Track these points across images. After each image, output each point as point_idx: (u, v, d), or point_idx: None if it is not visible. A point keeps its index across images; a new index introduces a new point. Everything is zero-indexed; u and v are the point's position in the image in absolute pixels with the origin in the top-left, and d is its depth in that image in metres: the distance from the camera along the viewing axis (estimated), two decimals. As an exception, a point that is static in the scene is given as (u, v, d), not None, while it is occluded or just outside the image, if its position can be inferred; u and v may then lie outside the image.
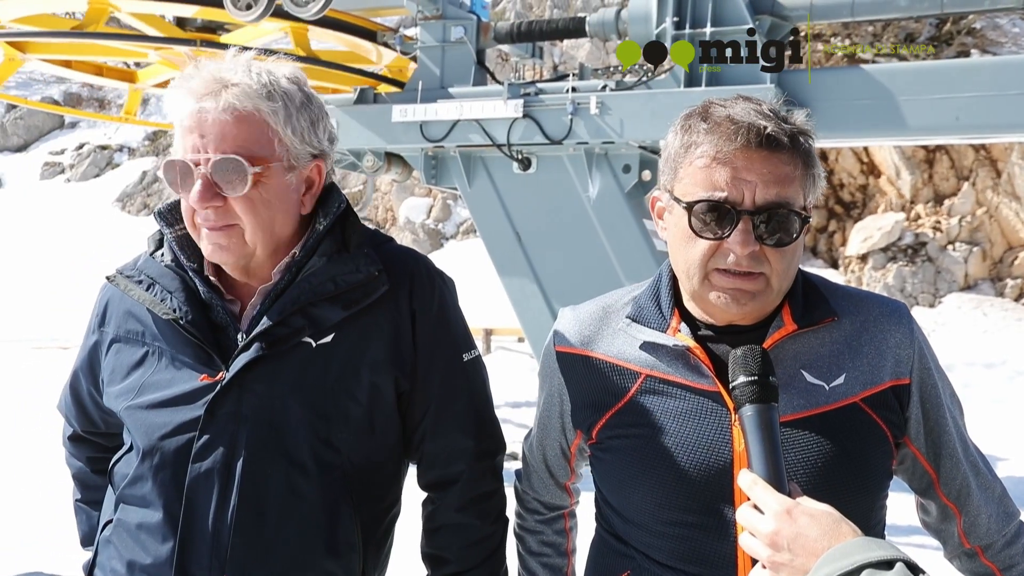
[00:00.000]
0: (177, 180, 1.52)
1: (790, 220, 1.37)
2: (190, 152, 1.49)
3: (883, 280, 14.07)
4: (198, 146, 1.49)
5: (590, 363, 1.55)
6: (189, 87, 1.51)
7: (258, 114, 1.51)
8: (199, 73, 1.52)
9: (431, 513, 1.71)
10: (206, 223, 1.52)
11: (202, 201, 1.49)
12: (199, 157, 1.49)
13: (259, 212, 1.52)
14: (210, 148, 1.48)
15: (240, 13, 6.35)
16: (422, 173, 7.22)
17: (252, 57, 1.58)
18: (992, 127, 5.97)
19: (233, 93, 1.49)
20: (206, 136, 1.48)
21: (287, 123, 1.53)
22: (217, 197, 1.49)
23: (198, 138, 1.49)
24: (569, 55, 18.34)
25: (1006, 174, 14.17)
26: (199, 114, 1.49)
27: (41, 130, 29.68)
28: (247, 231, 1.53)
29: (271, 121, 1.52)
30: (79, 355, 1.76)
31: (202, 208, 1.50)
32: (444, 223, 20.09)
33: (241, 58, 1.56)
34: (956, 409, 1.54)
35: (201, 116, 1.49)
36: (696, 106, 1.44)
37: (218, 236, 1.52)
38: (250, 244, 1.54)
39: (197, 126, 1.49)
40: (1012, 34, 15.27)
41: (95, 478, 1.85)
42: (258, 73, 1.53)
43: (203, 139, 1.49)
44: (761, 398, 1.26)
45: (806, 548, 1.13)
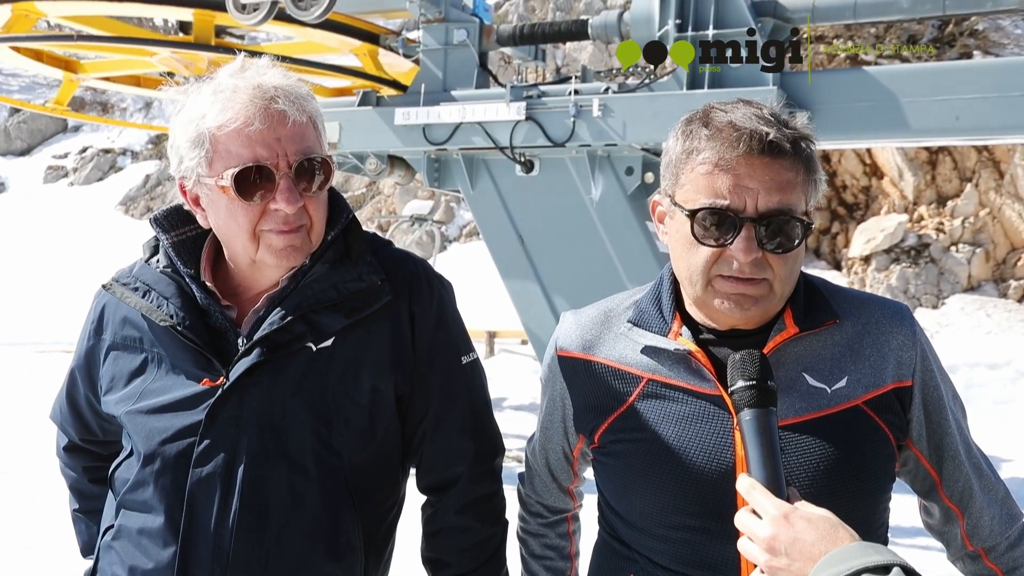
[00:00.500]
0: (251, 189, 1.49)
1: (792, 226, 1.36)
2: (267, 157, 1.48)
3: (886, 282, 14.06)
4: (275, 149, 1.49)
5: (592, 367, 1.55)
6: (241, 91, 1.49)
7: (313, 116, 1.55)
8: (242, 80, 1.51)
9: (430, 516, 1.72)
10: (284, 225, 1.52)
11: (293, 202, 1.50)
12: (278, 160, 1.49)
13: (322, 210, 1.58)
14: (289, 150, 1.49)
15: (243, 17, 6.37)
16: (425, 176, 7.22)
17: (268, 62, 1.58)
18: (994, 129, 5.96)
19: (297, 95, 1.51)
20: (283, 139, 1.49)
21: (323, 125, 1.59)
22: (300, 198, 1.51)
23: (274, 141, 1.48)
24: (572, 57, 18.35)
25: (1009, 175, 14.16)
26: (274, 116, 1.48)
27: (44, 134, 29.75)
28: (314, 230, 1.56)
29: (318, 123, 1.57)
30: (74, 362, 1.75)
31: (291, 209, 1.50)
32: (447, 226, 20.10)
33: (261, 64, 1.56)
34: (959, 411, 1.53)
35: (278, 118, 1.48)
36: (697, 111, 1.44)
37: (293, 237, 1.53)
38: (315, 242, 1.57)
39: (272, 129, 1.48)
40: (1015, 35, 15.25)
41: (92, 487, 1.84)
42: (293, 78, 1.56)
43: (280, 142, 1.49)
44: (759, 402, 1.26)
45: (803, 553, 1.13)
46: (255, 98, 1.48)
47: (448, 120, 6.80)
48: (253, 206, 1.51)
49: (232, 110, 1.48)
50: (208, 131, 1.50)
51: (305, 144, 1.52)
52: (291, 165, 1.49)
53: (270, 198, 1.50)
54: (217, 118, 1.49)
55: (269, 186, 1.49)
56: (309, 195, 1.53)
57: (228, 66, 1.56)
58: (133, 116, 26.95)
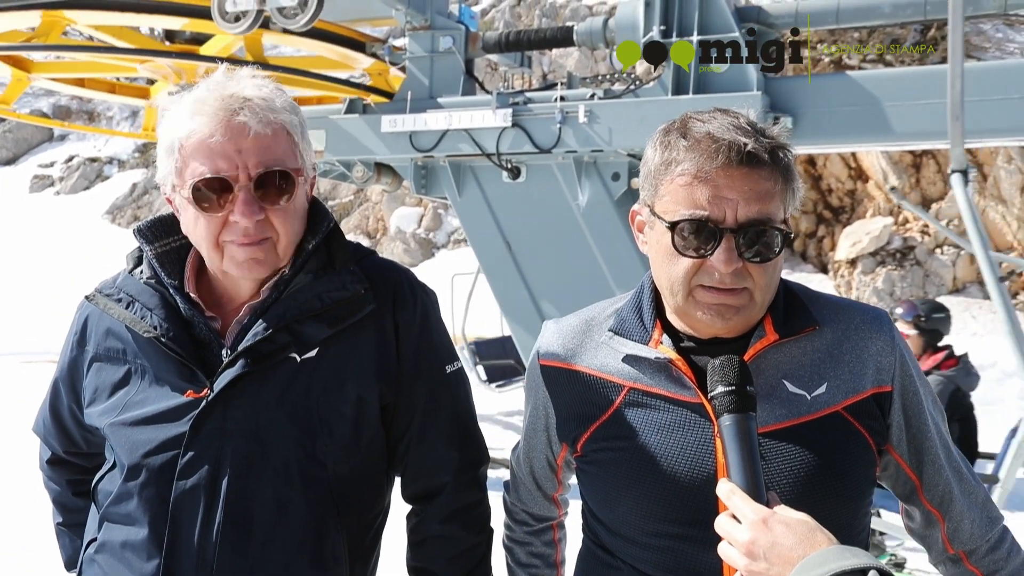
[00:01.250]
0: (212, 198, 1.50)
1: (771, 235, 1.38)
2: (226, 169, 1.49)
3: (872, 284, 14.13)
4: (236, 161, 1.49)
5: (574, 376, 1.56)
6: (208, 103, 1.50)
7: (286, 127, 1.54)
8: (213, 90, 1.52)
9: (416, 525, 1.72)
10: (244, 237, 1.52)
11: (250, 215, 1.49)
12: (237, 172, 1.49)
13: (292, 223, 1.56)
14: (250, 162, 1.49)
15: (229, 26, 6.37)
16: (412, 183, 7.23)
17: (251, 71, 1.59)
18: (977, 132, 6.01)
19: (264, 106, 1.51)
20: (244, 150, 1.49)
21: (302, 136, 1.58)
22: (260, 210, 1.50)
23: (235, 153, 1.48)
24: (558, 64, 18.39)
25: (992, 178, 14.26)
26: (235, 128, 1.48)
27: (30, 143, 29.60)
28: (280, 243, 1.55)
29: (295, 134, 1.55)
30: (57, 374, 1.75)
31: (249, 221, 1.50)
32: (435, 232, 20.09)
33: (241, 74, 1.56)
34: (938, 415, 1.55)
35: (238, 130, 1.48)
36: (674, 120, 1.45)
37: (255, 250, 1.53)
38: (282, 256, 1.57)
39: (232, 141, 1.48)
40: (996, 39, 15.37)
41: (76, 501, 1.84)
42: (270, 88, 1.55)
43: (241, 154, 1.49)
44: (739, 408, 1.27)
45: (782, 557, 1.15)
46: (219, 109, 1.49)
47: (435, 127, 6.82)
48: (213, 217, 1.51)
49: (196, 121, 1.50)
50: (178, 140, 1.51)
51: (269, 156, 1.50)
52: (251, 177, 1.49)
53: (230, 210, 1.50)
54: (185, 128, 1.50)
55: (228, 198, 1.50)
56: (274, 208, 1.52)
57: (211, 75, 1.56)
58: (119, 125, 26.85)
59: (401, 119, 6.94)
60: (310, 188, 1.65)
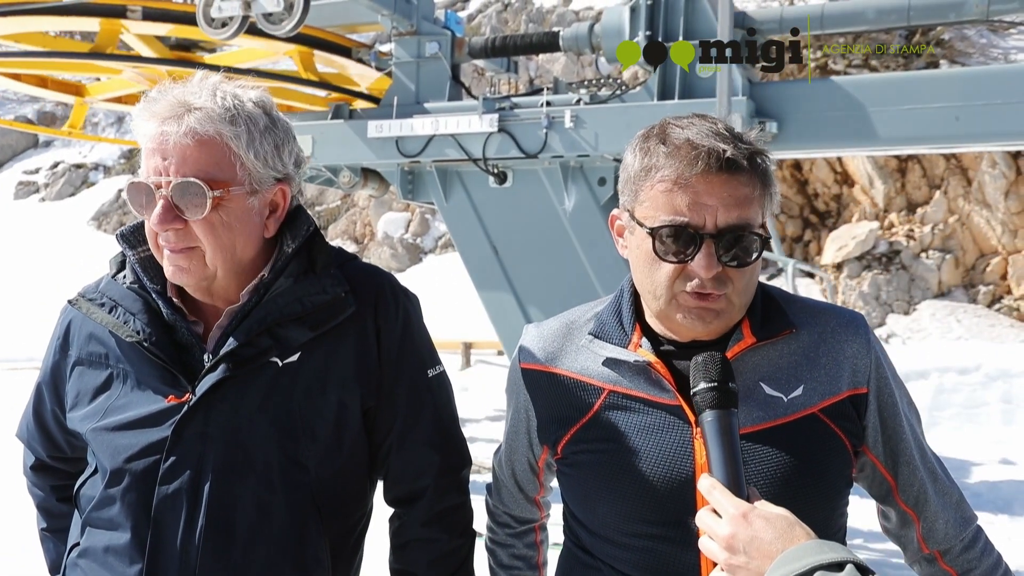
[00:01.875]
0: (141, 202, 1.53)
1: (751, 241, 1.39)
2: (152, 174, 1.51)
3: (858, 288, 14.20)
4: (160, 169, 1.50)
5: (554, 379, 1.57)
6: (153, 110, 1.52)
7: (220, 138, 1.51)
8: (164, 96, 1.53)
9: (398, 529, 1.72)
10: (167, 244, 1.53)
11: (163, 223, 1.50)
12: (160, 180, 1.50)
13: (219, 235, 1.53)
14: (171, 171, 1.49)
15: (214, 32, 6.36)
16: (399, 188, 7.23)
17: (220, 79, 1.59)
18: (961, 137, 6.06)
19: (196, 117, 1.50)
20: (168, 159, 1.50)
21: (249, 147, 1.54)
22: (178, 220, 1.50)
23: (160, 161, 1.50)
24: (544, 69, 18.43)
25: (976, 182, 14.36)
26: (161, 137, 1.50)
27: (15, 149, 29.45)
28: (207, 253, 1.54)
29: (233, 145, 1.52)
30: (40, 378, 1.75)
31: (163, 230, 1.51)
32: (422, 237, 20.09)
33: (208, 81, 1.57)
34: (913, 417, 1.57)
35: (163, 139, 1.50)
36: (653, 126, 1.46)
37: (178, 258, 1.53)
38: (210, 266, 1.55)
39: (159, 149, 1.50)
40: (980, 45, 15.49)
41: (61, 506, 1.83)
42: (223, 97, 1.54)
43: (165, 162, 1.50)
44: (721, 404, 1.29)
45: (761, 551, 1.16)
46: (155, 115, 1.51)
47: (421, 132, 6.82)
48: (149, 223, 1.54)
49: (144, 127, 1.52)
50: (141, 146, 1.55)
51: (191, 167, 1.49)
52: (168, 185, 1.50)
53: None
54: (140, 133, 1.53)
55: (152, 204, 1.51)
56: (195, 218, 1.51)
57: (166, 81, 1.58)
58: (105, 131, 26.73)
59: (387, 124, 6.94)
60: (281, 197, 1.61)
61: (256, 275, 1.61)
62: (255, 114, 1.56)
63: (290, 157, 1.61)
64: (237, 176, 1.53)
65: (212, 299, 1.62)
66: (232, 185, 1.53)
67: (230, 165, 1.53)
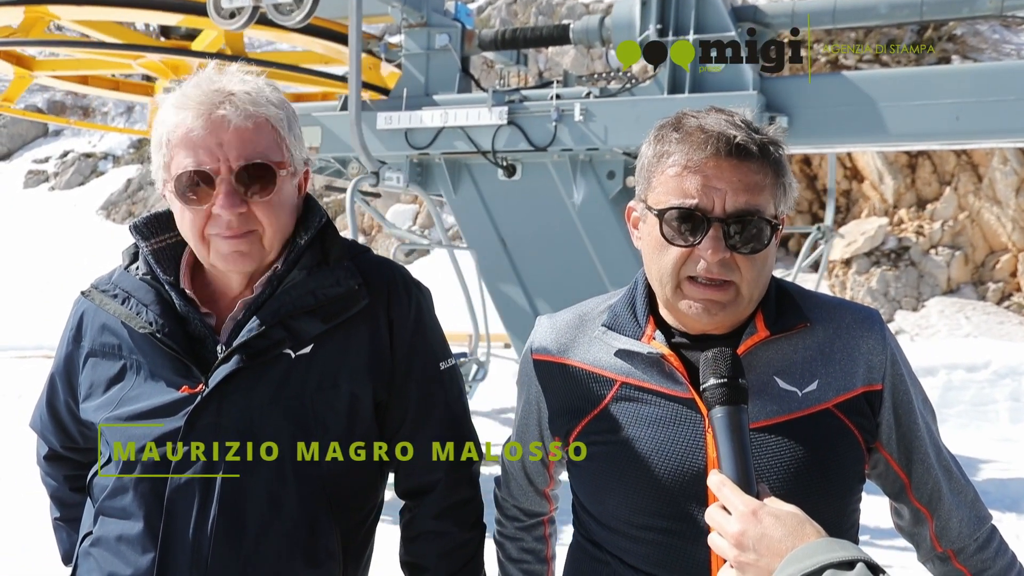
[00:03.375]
0: (194, 190, 1.51)
1: (760, 227, 1.39)
2: (207, 162, 1.50)
3: (867, 284, 14.16)
4: (217, 154, 1.49)
5: (566, 371, 1.57)
6: (193, 98, 1.51)
7: (269, 121, 1.54)
8: (199, 85, 1.53)
9: (409, 521, 1.72)
10: (227, 230, 1.52)
11: (231, 208, 1.50)
12: (219, 165, 1.50)
13: (278, 216, 1.56)
14: (231, 155, 1.50)
15: (224, 22, 6.36)
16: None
17: (238, 66, 1.59)
18: (973, 133, 6.03)
19: (247, 100, 1.52)
20: (225, 144, 1.50)
21: (290, 130, 1.58)
22: (242, 203, 1.51)
23: (216, 146, 1.49)
24: (554, 62, 18.39)
25: (987, 179, 14.29)
26: (215, 122, 1.49)
27: (25, 138, 29.53)
28: (266, 236, 1.56)
29: (280, 127, 1.56)
30: (54, 369, 1.75)
31: (229, 214, 1.50)
32: (430, 230, 20.09)
33: (231, 70, 1.57)
34: (928, 414, 1.56)
35: (219, 123, 1.49)
36: (669, 117, 1.46)
37: (239, 243, 1.54)
38: (267, 249, 1.57)
39: (213, 135, 1.49)
40: (992, 40, 15.41)
41: (74, 496, 1.84)
42: (254, 83, 1.56)
43: (222, 147, 1.50)
44: (731, 400, 1.28)
45: (771, 548, 1.16)
46: (202, 103, 1.50)
47: (430, 125, 6.81)
48: (197, 210, 1.53)
49: (182, 115, 1.51)
50: (166, 135, 1.53)
51: (252, 149, 1.51)
52: (232, 170, 1.50)
53: (212, 203, 1.51)
54: (171, 122, 1.52)
55: (210, 191, 1.51)
56: (257, 201, 1.53)
57: (202, 70, 1.57)
58: (114, 120, 26.79)
59: (397, 116, 6.94)
60: (304, 182, 1.66)
61: (271, 267, 1.61)
62: (285, 100, 1.60)
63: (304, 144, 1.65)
64: (284, 157, 1.57)
65: (230, 291, 1.62)
66: (285, 167, 1.56)
67: (279, 147, 1.56)
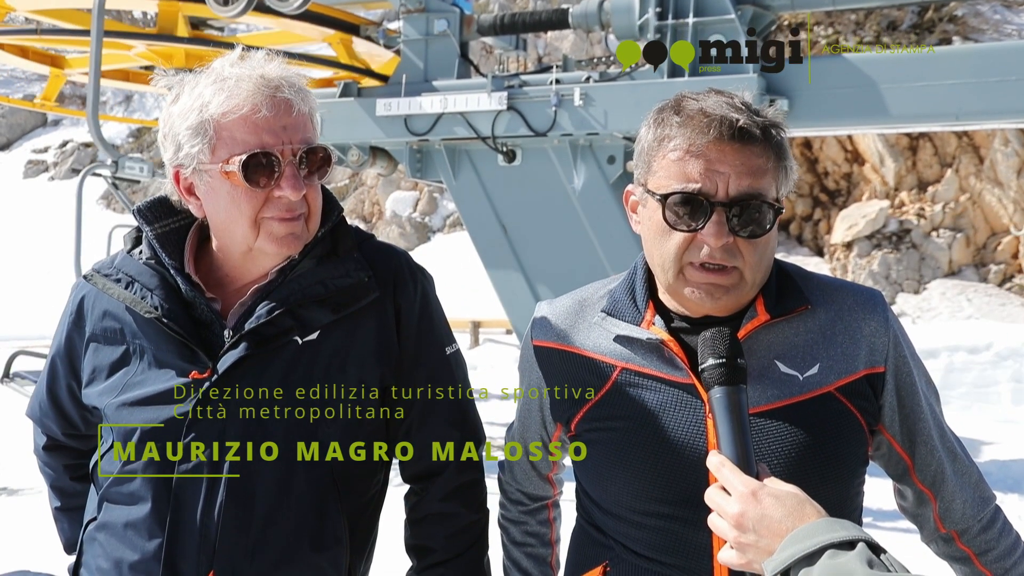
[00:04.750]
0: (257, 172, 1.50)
1: (763, 211, 1.38)
2: (273, 144, 1.50)
3: (868, 267, 14.15)
4: (281, 137, 1.51)
5: (567, 357, 1.57)
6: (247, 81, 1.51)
7: (312, 108, 1.57)
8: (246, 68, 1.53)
9: (415, 504, 1.73)
10: (287, 212, 1.54)
11: (298, 189, 1.52)
12: (284, 147, 1.51)
13: (320, 200, 1.60)
14: (295, 139, 1.52)
15: (221, 8, 6.34)
16: (407, 167, 7.22)
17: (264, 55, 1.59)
18: (974, 114, 6.01)
19: (297, 87, 1.54)
20: (288, 127, 1.51)
21: (318, 117, 1.61)
22: (304, 185, 1.53)
23: (280, 129, 1.50)
24: (553, 47, 18.33)
25: (988, 160, 14.26)
26: (280, 105, 1.50)
27: (24, 128, 29.48)
28: (312, 219, 1.58)
29: (315, 115, 1.59)
30: (54, 353, 1.74)
31: (296, 196, 1.52)
32: (431, 216, 20.08)
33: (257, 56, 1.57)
34: (932, 396, 1.55)
35: (284, 107, 1.51)
36: (668, 100, 1.45)
37: (294, 225, 1.55)
38: (312, 232, 1.59)
39: (278, 118, 1.50)
40: (993, 21, 15.34)
41: (74, 485, 1.84)
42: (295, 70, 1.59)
43: (286, 130, 1.51)
44: (729, 380, 1.28)
45: (771, 529, 1.16)
46: (261, 87, 1.50)
47: (430, 111, 6.80)
48: (258, 192, 1.52)
49: (239, 97, 1.50)
50: (212, 118, 1.51)
51: (307, 134, 1.55)
52: (295, 153, 1.52)
53: (274, 185, 1.52)
54: (222, 106, 1.50)
55: (273, 173, 1.51)
56: (312, 185, 1.56)
57: (226, 57, 1.57)
58: (113, 110, 26.72)
59: (396, 103, 6.92)
60: None
61: None
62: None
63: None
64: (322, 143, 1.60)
65: (241, 276, 1.62)
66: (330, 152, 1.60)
67: (315, 132, 1.58)
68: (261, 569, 1.54)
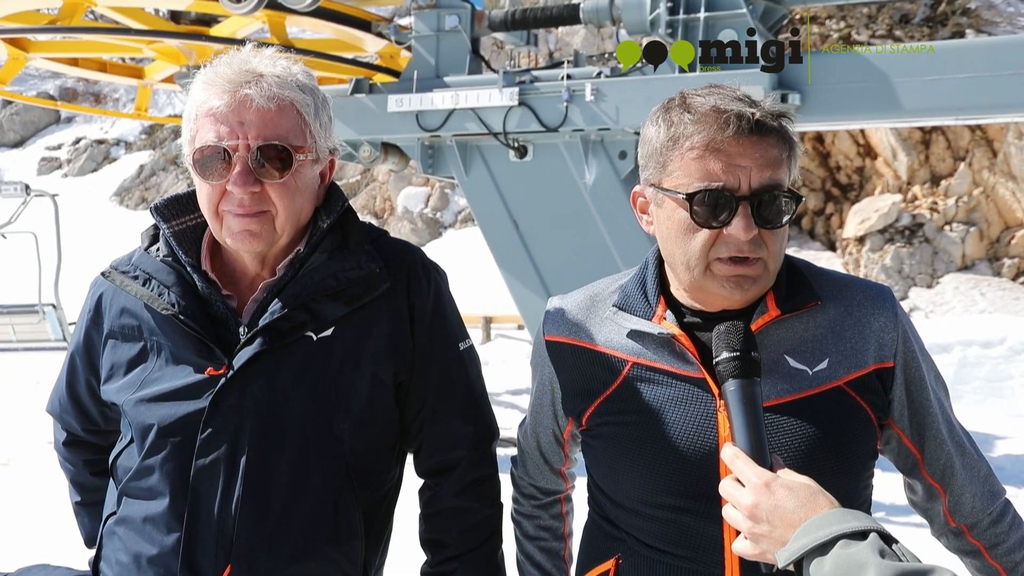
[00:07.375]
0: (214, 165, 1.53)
1: (784, 201, 1.40)
2: (227, 138, 1.52)
3: (881, 262, 14.10)
4: (237, 132, 1.52)
5: (579, 352, 1.58)
6: (223, 76, 1.54)
7: (294, 106, 1.56)
8: (231, 64, 1.55)
9: (430, 499, 1.75)
10: (239, 208, 1.55)
11: (244, 186, 1.52)
12: (237, 143, 1.52)
13: (292, 199, 1.58)
14: (251, 134, 1.52)
15: (233, 6, 6.36)
16: (419, 163, 7.23)
17: (273, 51, 1.61)
18: (987, 107, 5.97)
19: (274, 82, 1.54)
20: (246, 123, 1.52)
21: (316, 116, 1.59)
22: (256, 182, 1.53)
23: (237, 124, 1.52)
24: (564, 42, 18.30)
25: (1002, 154, 14.17)
26: (240, 100, 1.52)
27: (37, 125, 29.64)
28: (279, 218, 1.57)
29: (304, 113, 1.57)
30: (73, 350, 1.77)
31: (241, 192, 1.53)
32: (442, 212, 20.09)
33: (264, 53, 1.60)
34: (941, 390, 1.56)
35: (242, 102, 1.52)
36: (671, 98, 1.47)
37: (250, 222, 1.55)
38: (279, 231, 1.59)
39: (235, 112, 1.52)
40: (1007, 13, 15.23)
41: (94, 480, 1.87)
42: (285, 67, 1.58)
43: (243, 125, 1.52)
44: (744, 373, 1.30)
45: (784, 520, 1.17)
46: (230, 81, 1.53)
47: (441, 106, 6.80)
48: (213, 186, 1.55)
49: (208, 91, 1.54)
50: (193, 110, 1.56)
51: (272, 130, 1.53)
52: (249, 148, 1.52)
53: (228, 179, 1.53)
54: (199, 98, 1.55)
55: (228, 167, 1.53)
56: (272, 182, 1.54)
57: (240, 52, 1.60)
58: (126, 107, 26.80)
59: (407, 98, 6.93)
60: (329, 169, 1.68)
61: (293, 250, 1.64)
62: (314, 86, 1.61)
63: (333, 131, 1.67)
64: (307, 143, 1.58)
65: (262, 269, 1.64)
66: (305, 151, 1.58)
67: (302, 132, 1.57)
68: (278, 562, 1.56)
